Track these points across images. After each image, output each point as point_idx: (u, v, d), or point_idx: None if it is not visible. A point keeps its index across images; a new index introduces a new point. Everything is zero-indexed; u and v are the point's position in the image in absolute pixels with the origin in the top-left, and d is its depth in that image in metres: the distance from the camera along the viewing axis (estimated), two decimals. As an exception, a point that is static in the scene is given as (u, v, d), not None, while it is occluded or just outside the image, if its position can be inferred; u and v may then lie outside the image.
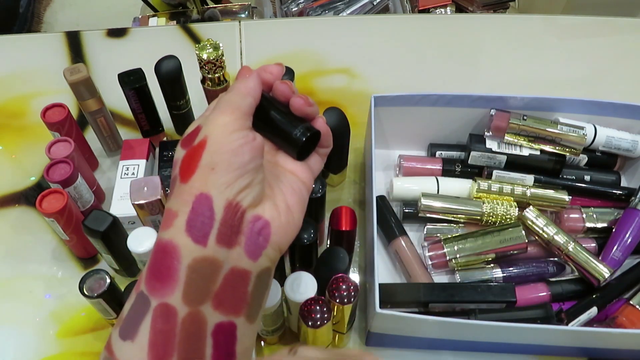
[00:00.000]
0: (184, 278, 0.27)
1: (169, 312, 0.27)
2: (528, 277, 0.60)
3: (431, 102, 0.65)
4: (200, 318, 0.27)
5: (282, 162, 0.35)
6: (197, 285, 0.27)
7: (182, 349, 0.27)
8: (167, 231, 0.29)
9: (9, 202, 0.68)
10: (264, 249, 0.30)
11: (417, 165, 0.68)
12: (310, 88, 0.81)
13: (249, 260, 0.29)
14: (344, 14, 1.27)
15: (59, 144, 0.59)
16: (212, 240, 0.28)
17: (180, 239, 0.28)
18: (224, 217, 0.28)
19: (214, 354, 0.28)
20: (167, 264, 0.28)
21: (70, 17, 1.89)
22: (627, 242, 0.60)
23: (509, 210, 0.62)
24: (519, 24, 0.94)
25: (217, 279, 0.28)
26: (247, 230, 0.29)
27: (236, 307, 0.29)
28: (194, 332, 0.27)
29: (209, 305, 0.28)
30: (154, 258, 0.29)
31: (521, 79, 0.85)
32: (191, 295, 0.27)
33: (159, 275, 0.28)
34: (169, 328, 0.27)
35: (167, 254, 0.28)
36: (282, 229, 0.31)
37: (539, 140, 0.65)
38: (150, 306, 0.27)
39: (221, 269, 0.28)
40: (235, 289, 0.29)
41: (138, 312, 0.27)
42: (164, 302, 0.27)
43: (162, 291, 0.27)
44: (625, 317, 0.56)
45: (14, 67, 0.84)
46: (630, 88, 0.84)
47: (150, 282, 0.28)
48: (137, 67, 0.65)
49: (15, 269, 0.62)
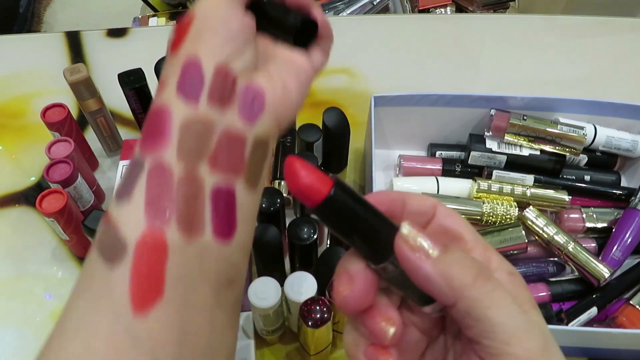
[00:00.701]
0: (177, 135, 0.27)
1: (164, 170, 0.26)
2: (528, 277, 0.60)
3: (431, 102, 0.65)
4: (197, 178, 0.27)
5: (279, 50, 0.34)
6: (190, 142, 0.27)
7: (180, 209, 0.26)
8: (159, 98, 0.28)
9: (9, 202, 0.68)
10: (259, 116, 0.30)
11: (417, 165, 0.68)
12: (310, 88, 0.81)
13: (243, 124, 0.29)
14: (344, 14, 1.27)
15: (59, 144, 0.59)
16: (204, 100, 0.28)
17: (171, 101, 0.28)
18: (214, 80, 0.28)
19: (214, 219, 0.27)
20: (158, 124, 0.27)
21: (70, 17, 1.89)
22: (627, 242, 0.60)
23: (509, 210, 0.62)
24: (519, 24, 0.94)
25: (211, 138, 0.27)
26: (240, 96, 0.29)
27: (233, 168, 0.28)
28: (192, 193, 0.26)
29: (205, 165, 0.27)
30: (146, 124, 0.28)
31: (521, 79, 0.85)
32: (185, 152, 0.27)
33: (151, 136, 0.27)
34: (165, 186, 0.26)
35: (158, 115, 0.28)
36: (277, 101, 0.31)
37: (539, 140, 0.65)
38: (145, 167, 0.26)
39: (214, 128, 0.28)
40: (231, 150, 0.28)
41: (132, 174, 0.27)
42: (158, 160, 0.26)
43: (155, 148, 0.27)
44: (625, 317, 0.56)
45: (14, 67, 0.84)
46: (630, 88, 0.84)
47: (143, 144, 0.27)
48: (137, 67, 0.65)
49: (15, 269, 0.62)
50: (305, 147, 0.62)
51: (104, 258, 0.25)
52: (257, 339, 0.57)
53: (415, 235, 0.23)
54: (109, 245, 0.25)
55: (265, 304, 0.49)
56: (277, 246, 0.51)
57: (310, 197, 0.22)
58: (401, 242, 0.23)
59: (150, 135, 0.27)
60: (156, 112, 0.28)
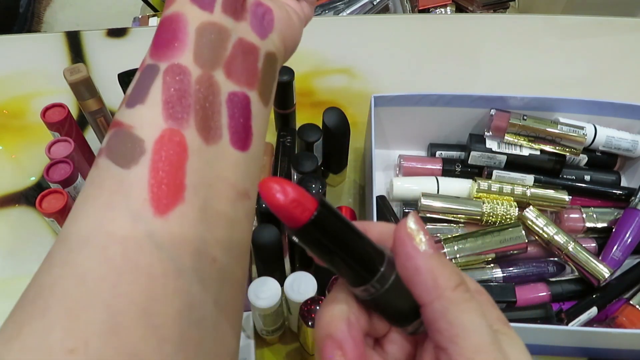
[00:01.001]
0: (193, 40, 0.26)
1: (181, 70, 0.26)
2: (528, 277, 0.60)
3: (431, 102, 0.65)
4: (213, 82, 0.26)
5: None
6: (206, 47, 0.26)
7: (197, 112, 0.25)
8: (171, 7, 0.28)
9: (9, 202, 0.68)
10: (270, 32, 0.30)
11: (417, 165, 0.68)
12: (310, 88, 0.81)
13: (255, 36, 0.29)
14: (344, 14, 1.27)
15: (59, 144, 0.59)
16: (218, 8, 0.27)
17: (186, 8, 0.27)
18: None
19: (230, 123, 0.26)
20: (173, 29, 0.27)
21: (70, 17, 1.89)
22: (627, 242, 0.60)
23: (509, 210, 0.62)
24: (519, 24, 0.94)
25: (226, 46, 0.27)
26: (251, 10, 0.29)
27: (248, 78, 0.28)
28: (208, 96, 0.26)
29: (221, 72, 0.27)
30: (158, 31, 0.28)
31: (521, 79, 0.85)
32: (202, 57, 0.26)
33: (164, 41, 0.27)
34: (183, 86, 0.25)
35: (173, 21, 0.27)
36: (284, 22, 0.31)
37: (539, 140, 0.65)
38: (160, 69, 0.26)
39: (229, 36, 0.27)
40: (245, 59, 0.28)
41: (145, 78, 0.26)
42: (174, 62, 0.26)
43: (170, 53, 0.26)
44: (625, 317, 0.56)
45: (14, 67, 0.84)
46: (630, 88, 0.84)
47: (156, 50, 0.27)
48: (137, 67, 0.65)
49: (15, 269, 0.62)
50: (305, 147, 0.62)
51: (116, 162, 0.24)
52: (257, 339, 0.57)
53: (417, 227, 0.23)
54: (123, 148, 0.24)
55: (265, 304, 0.49)
56: (277, 246, 0.51)
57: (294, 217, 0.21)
58: (404, 230, 0.23)
59: (164, 40, 0.27)
60: (170, 19, 0.27)
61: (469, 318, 0.22)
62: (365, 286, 0.23)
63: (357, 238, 0.23)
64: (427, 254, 0.23)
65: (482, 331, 0.22)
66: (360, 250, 0.23)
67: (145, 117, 0.24)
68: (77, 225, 0.23)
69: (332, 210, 0.22)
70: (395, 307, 0.24)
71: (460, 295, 0.22)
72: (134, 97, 0.26)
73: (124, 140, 0.24)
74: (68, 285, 0.21)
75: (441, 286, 0.22)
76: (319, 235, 0.22)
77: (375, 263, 0.23)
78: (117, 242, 0.22)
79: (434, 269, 0.22)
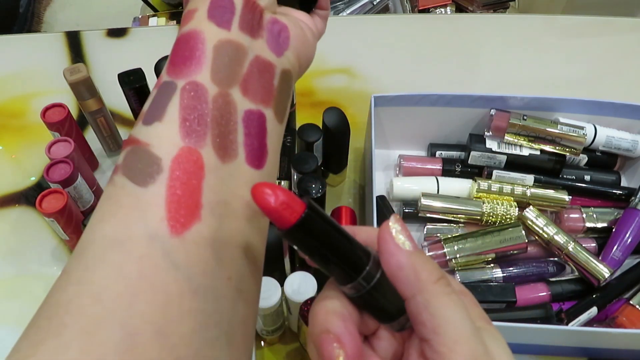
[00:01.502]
0: (211, 57, 0.27)
1: (199, 87, 0.26)
2: (528, 277, 0.60)
3: (431, 102, 0.65)
4: (230, 100, 0.26)
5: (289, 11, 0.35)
6: (224, 65, 0.27)
7: (214, 130, 0.25)
8: (189, 24, 0.28)
9: (9, 202, 0.68)
10: (285, 49, 0.30)
11: (417, 165, 0.68)
12: (310, 88, 0.81)
13: (272, 54, 0.29)
14: (344, 14, 1.27)
15: (59, 144, 0.59)
16: (236, 26, 0.28)
17: (203, 25, 0.27)
18: (243, 10, 0.28)
19: (246, 141, 0.27)
20: (191, 47, 0.27)
21: (70, 17, 1.88)
22: (627, 242, 0.60)
23: (509, 210, 0.62)
24: (519, 24, 0.94)
25: (243, 64, 0.28)
26: (268, 28, 0.30)
27: (264, 96, 0.28)
28: (226, 114, 0.26)
29: (238, 90, 0.27)
30: (176, 48, 0.28)
31: (521, 79, 0.85)
32: (219, 75, 0.26)
33: (183, 59, 0.27)
34: (200, 104, 0.25)
35: (191, 38, 0.27)
36: (299, 39, 0.31)
37: (539, 140, 0.65)
38: (177, 87, 0.26)
39: (246, 54, 0.28)
40: (261, 77, 0.28)
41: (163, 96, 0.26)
42: (191, 80, 0.26)
43: (187, 71, 0.26)
44: (625, 317, 0.56)
45: (14, 67, 0.84)
46: (630, 88, 0.84)
47: (173, 67, 0.27)
48: (137, 67, 0.65)
49: (15, 269, 0.62)
50: (305, 147, 0.62)
51: (133, 179, 0.24)
52: (257, 339, 0.57)
53: (399, 228, 0.24)
54: (140, 165, 0.24)
55: (265, 304, 0.49)
56: (277, 246, 0.51)
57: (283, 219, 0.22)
58: (386, 230, 0.24)
59: (181, 58, 0.27)
60: (188, 36, 0.27)
61: (450, 309, 0.23)
62: (352, 284, 0.24)
63: (344, 238, 0.24)
64: (408, 251, 0.24)
65: (464, 322, 0.23)
66: (346, 249, 0.24)
67: (162, 135, 0.25)
68: (93, 242, 0.23)
69: (319, 213, 0.23)
70: (382, 304, 0.25)
71: (441, 289, 0.23)
72: (151, 114, 0.26)
73: (141, 158, 0.24)
74: (84, 304, 0.21)
75: (423, 280, 0.23)
76: (307, 236, 0.23)
77: (362, 262, 0.24)
78: (133, 261, 0.22)
79: (415, 264, 0.23)
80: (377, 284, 0.24)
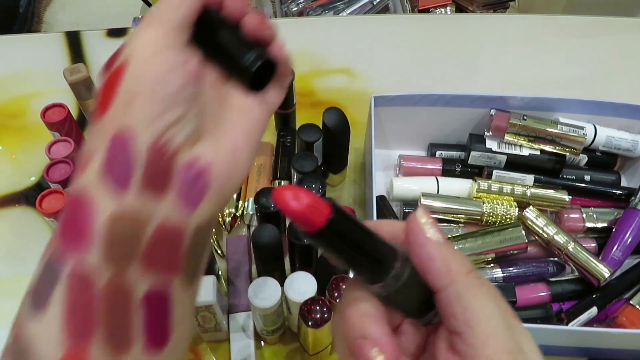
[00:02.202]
0: (102, 235, 0.23)
1: (86, 279, 0.22)
2: (528, 277, 0.60)
3: (431, 102, 0.65)
4: (125, 284, 0.23)
5: (231, 94, 0.28)
6: (118, 244, 0.23)
7: (106, 323, 0.22)
8: (79, 179, 0.24)
9: (9, 202, 0.68)
10: (201, 199, 0.25)
11: (417, 165, 0.68)
12: (310, 88, 0.81)
13: (183, 212, 0.24)
14: (344, 14, 1.27)
15: (59, 144, 0.59)
16: (135, 188, 0.23)
17: (95, 188, 0.23)
18: (148, 161, 0.23)
19: (146, 330, 0.24)
20: (79, 218, 0.23)
21: (70, 17, 1.88)
22: (627, 242, 0.60)
23: (509, 210, 0.62)
24: (519, 24, 0.94)
25: (143, 236, 0.23)
26: (180, 178, 0.24)
27: (169, 266, 0.24)
28: (120, 303, 0.23)
29: (137, 267, 0.23)
30: (65, 213, 0.24)
31: (521, 79, 0.85)
32: (112, 254, 0.23)
33: (70, 232, 0.23)
34: (88, 298, 0.22)
35: (80, 207, 0.23)
36: (224, 174, 0.26)
37: (539, 140, 0.65)
38: (62, 273, 0.23)
39: (148, 223, 0.23)
40: (167, 247, 0.24)
41: (47, 279, 0.23)
42: (79, 266, 0.22)
43: (75, 249, 0.23)
44: (625, 317, 0.56)
45: (14, 67, 0.84)
46: (630, 88, 0.84)
47: (62, 239, 0.23)
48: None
49: (15, 269, 0.62)
50: (305, 147, 0.62)
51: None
52: (257, 339, 0.57)
53: (428, 220, 0.24)
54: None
55: (265, 304, 0.49)
56: (277, 246, 0.51)
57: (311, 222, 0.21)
58: (415, 222, 0.24)
59: (70, 230, 0.23)
60: (76, 203, 0.23)
61: (483, 302, 0.22)
62: (382, 283, 0.23)
63: (371, 237, 0.23)
64: (439, 242, 0.23)
65: (497, 316, 0.22)
66: (374, 248, 0.23)
67: (44, 335, 0.23)
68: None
69: (344, 213, 0.22)
70: (411, 300, 0.25)
71: (473, 280, 0.23)
72: (36, 300, 0.23)
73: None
74: None
75: (454, 272, 0.23)
76: (335, 238, 0.22)
77: (390, 260, 0.23)
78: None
79: (446, 255, 0.23)
80: (406, 281, 0.24)
